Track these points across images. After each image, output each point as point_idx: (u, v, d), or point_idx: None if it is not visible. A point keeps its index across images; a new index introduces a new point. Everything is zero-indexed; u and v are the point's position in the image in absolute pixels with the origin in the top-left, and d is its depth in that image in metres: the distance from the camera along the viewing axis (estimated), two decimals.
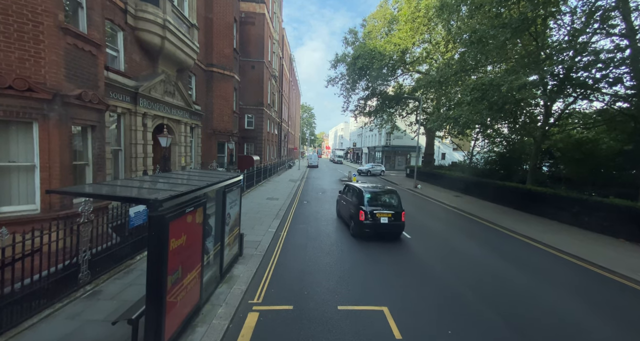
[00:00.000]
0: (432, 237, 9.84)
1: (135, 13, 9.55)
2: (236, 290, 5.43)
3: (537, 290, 6.17)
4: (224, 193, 5.56)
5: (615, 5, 10.48)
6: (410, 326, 4.61)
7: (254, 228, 9.48)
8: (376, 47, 23.38)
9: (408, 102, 27.09)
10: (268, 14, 25.37)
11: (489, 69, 17.05)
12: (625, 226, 9.90)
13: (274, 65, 29.36)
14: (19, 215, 5.35)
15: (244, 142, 24.27)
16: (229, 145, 17.73)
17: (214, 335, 4.11)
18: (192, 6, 12.52)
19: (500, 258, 7.98)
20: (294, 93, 59.26)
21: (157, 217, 3.25)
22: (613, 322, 5.07)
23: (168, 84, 11.44)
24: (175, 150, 12.55)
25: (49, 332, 3.98)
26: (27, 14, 5.28)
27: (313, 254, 7.62)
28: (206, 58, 16.02)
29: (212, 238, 5.24)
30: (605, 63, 10.80)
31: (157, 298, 3.32)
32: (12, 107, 5.18)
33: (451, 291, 5.89)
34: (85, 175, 6.72)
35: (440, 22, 20.76)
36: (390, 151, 43.92)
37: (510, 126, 17.38)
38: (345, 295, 5.56)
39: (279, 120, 35.20)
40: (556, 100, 13.66)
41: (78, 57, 6.22)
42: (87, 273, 5.17)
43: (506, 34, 11.38)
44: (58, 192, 4.02)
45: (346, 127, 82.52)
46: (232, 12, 17.06)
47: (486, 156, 21.01)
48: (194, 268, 4.15)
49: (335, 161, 59.11)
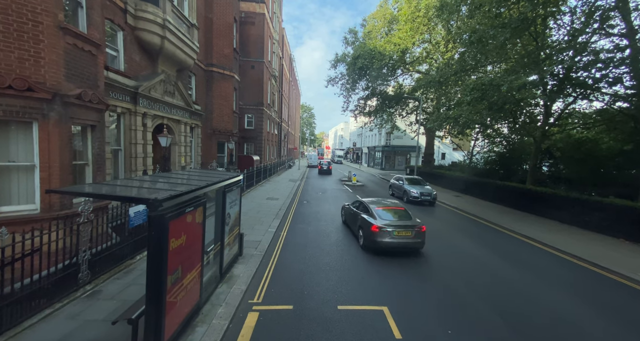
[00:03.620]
0: (432, 237, 9.83)
1: (135, 13, 9.55)
2: (236, 289, 5.42)
3: (537, 289, 6.17)
4: (223, 193, 5.56)
5: (614, 5, 10.47)
6: (411, 327, 4.61)
7: (254, 228, 9.48)
8: (376, 46, 23.37)
9: (408, 102, 27.06)
10: (268, 13, 25.37)
11: (488, 68, 17.05)
12: (625, 226, 9.91)
13: (273, 65, 29.36)
14: (19, 215, 5.35)
15: (244, 142, 24.27)
16: (229, 145, 17.72)
17: (213, 335, 4.11)
18: (192, 6, 12.51)
19: (500, 258, 7.98)
20: (294, 93, 59.25)
21: (157, 216, 3.25)
22: (613, 322, 5.07)
23: (168, 84, 11.43)
24: (175, 150, 12.55)
25: (49, 332, 3.98)
26: (26, 13, 5.27)
27: (313, 254, 7.62)
28: (206, 58, 16.01)
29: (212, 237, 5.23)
30: (605, 63, 10.80)
31: (157, 298, 3.31)
32: (11, 107, 5.18)
33: (451, 291, 5.88)
34: (85, 174, 6.72)
35: (440, 22, 20.77)
36: (390, 151, 43.88)
37: (510, 126, 17.38)
38: (345, 294, 5.55)
39: (279, 120, 35.20)
40: (556, 100, 13.66)
41: (78, 56, 6.22)
42: (87, 273, 5.17)
43: (506, 33, 11.38)
44: (58, 191, 4.02)
45: (346, 127, 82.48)
46: (232, 12, 17.06)
47: (486, 156, 21.00)
48: (193, 268, 4.15)
49: (335, 161, 59.12)
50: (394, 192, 18.14)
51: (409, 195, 15.62)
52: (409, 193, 15.68)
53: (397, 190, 17.67)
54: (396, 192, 17.78)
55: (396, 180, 18.45)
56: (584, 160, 13.46)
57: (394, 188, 18.31)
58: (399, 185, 17.30)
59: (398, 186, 17.47)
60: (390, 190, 18.91)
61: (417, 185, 16.32)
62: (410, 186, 16.19)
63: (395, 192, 17.87)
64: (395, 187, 17.96)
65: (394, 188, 18.31)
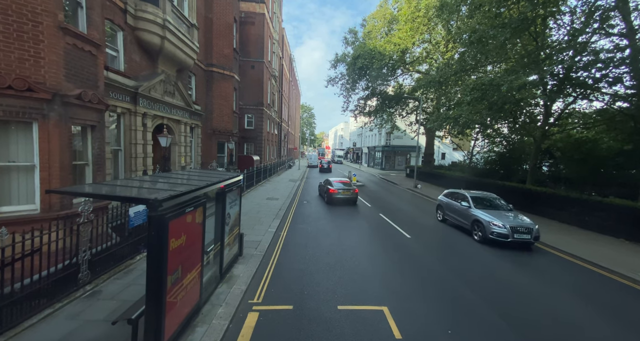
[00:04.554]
0: (432, 237, 9.84)
1: (135, 13, 9.55)
2: (236, 289, 5.42)
3: (537, 289, 6.17)
4: (223, 193, 5.56)
5: (614, 5, 10.48)
6: (411, 326, 4.61)
7: (254, 228, 9.48)
8: (376, 47, 23.38)
9: (408, 102, 27.07)
10: (268, 13, 25.37)
11: (488, 68, 17.05)
12: (625, 226, 9.91)
13: (273, 65, 29.36)
14: (19, 215, 5.35)
15: (244, 142, 24.27)
16: (229, 145, 17.72)
17: (213, 335, 4.11)
18: (192, 6, 12.51)
19: (499, 257, 7.98)
20: (294, 93, 59.26)
21: (157, 216, 3.25)
22: (613, 322, 5.07)
23: (168, 84, 11.44)
24: (175, 150, 12.55)
25: (49, 332, 3.98)
26: (26, 13, 5.27)
27: (313, 254, 7.62)
28: (206, 58, 16.02)
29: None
30: (605, 63, 10.81)
31: (157, 298, 3.31)
32: (11, 107, 5.18)
33: (451, 290, 5.88)
34: (85, 175, 6.72)
35: (440, 22, 20.78)
36: (390, 151, 43.90)
37: (510, 126, 17.39)
38: (345, 294, 5.55)
39: (279, 120, 35.19)
40: (556, 100, 13.66)
41: (78, 57, 6.22)
42: (87, 273, 5.17)
43: (506, 33, 11.39)
44: (58, 191, 4.02)
45: (346, 127, 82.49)
46: (232, 12, 17.06)
47: (486, 156, 21.01)
48: (193, 268, 4.15)
49: (335, 161, 59.16)
50: (449, 216, 11.29)
51: (487, 229, 8.90)
52: (488, 227, 8.88)
53: (455, 215, 10.88)
54: (454, 217, 10.98)
55: (451, 197, 11.53)
56: (584, 160, 13.46)
57: (448, 210, 11.39)
58: (462, 209, 10.39)
59: (459, 210, 10.61)
60: (440, 213, 12.00)
61: (495, 210, 9.70)
62: (485, 212, 9.46)
63: (452, 218, 11.07)
64: (453, 210, 11.06)
65: (448, 210, 11.39)
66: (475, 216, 9.56)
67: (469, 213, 9.94)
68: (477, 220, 9.46)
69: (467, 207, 10.17)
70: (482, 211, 9.60)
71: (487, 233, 8.89)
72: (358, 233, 9.70)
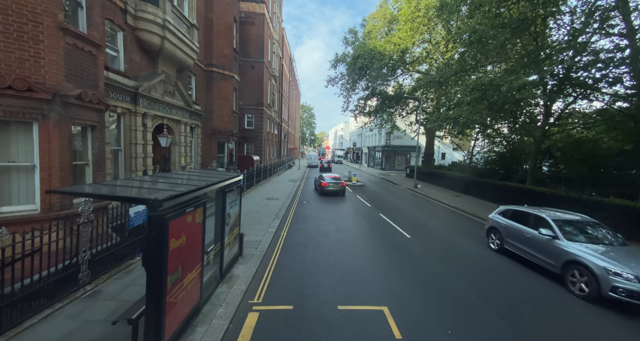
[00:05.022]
0: (432, 237, 9.84)
1: (135, 13, 9.55)
2: (236, 289, 5.43)
3: (537, 289, 6.18)
4: (223, 193, 5.56)
5: (614, 5, 10.48)
6: (411, 327, 4.61)
7: (254, 228, 9.48)
8: (376, 47, 23.38)
9: (408, 102, 27.08)
10: (268, 13, 25.37)
11: (488, 68, 17.06)
12: (625, 226, 9.90)
13: (273, 65, 29.35)
14: (19, 215, 5.35)
15: (244, 142, 24.27)
16: (229, 145, 17.73)
17: (214, 335, 4.11)
18: (192, 6, 12.51)
19: (499, 257, 7.98)
20: (294, 93, 59.26)
21: (157, 216, 3.26)
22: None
23: (168, 84, 11.44)
24: (175, 150, 12.55)
25: (49, 332, 3.98)
26: (26, 14, 5.27)
27: (313, 254, 7.62)
28: (206, 58, 16.02)
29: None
30: (605, 63, 10.80)
31: (157, 298, 3.32)
32: (12, 107, 5.18)
33: (451, 290, 5.88)
34: (85, 175, 6.72)
35: (440, 22, 20.81)
36: (390, 151, 43.89)
37: (510, 126, 17.39)
38: (345, 294, 5.55)
39: (279, 120, 35.19)
40: (556, 100, 13.66)
41: (78, 57, 6.22)
42: (87, 273, 5.17)
43: (506, 33, 11.38)
44: (58, 192, 4.02)
45: (346, 127, 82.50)
46: (232, 12, 17.06)
47: (486, 156, 21.01)
48: (193, 268, 4.15)
49: (335, 161, 59.17)
50: (513, 246, 7.76)
51: (602, 281, 5.42)
52: (605, 277, 5.41)
53: (527, 248, 7.32)
54: (523, 249, 7.42)
55: (513, 218, 8.03)
56: (584, 160, 13.46)
57: (512, 239, 7.82)
58: (541, 240, 6.87)
59: (534, 240, 7.07)
60: (495, 240, 8.39)
61: (600, 245, 6.26)
62: (591, 250, 5.98)
63: (520, 251, 7.51)
64: (521, 239, 7.50)
65: (512, 239, 7.82)
66: (574, 256, 5.99)
67: (558, 249, 6.37)
68: (577, 262, 5.91)
69: (551, 237, 6.64)
70: (583, 246, 6.10)
71: (602, 287, 5.42)
72: (358, 234, 9.69)
